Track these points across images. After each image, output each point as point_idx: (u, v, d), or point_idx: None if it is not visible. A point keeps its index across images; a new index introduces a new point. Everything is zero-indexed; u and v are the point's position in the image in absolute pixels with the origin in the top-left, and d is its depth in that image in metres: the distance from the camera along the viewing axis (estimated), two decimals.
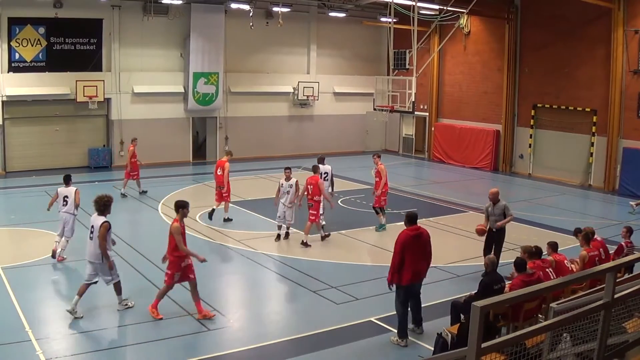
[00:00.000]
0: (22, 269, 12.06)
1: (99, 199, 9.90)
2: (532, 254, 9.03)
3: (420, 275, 9.05)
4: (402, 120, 31.38)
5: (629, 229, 11.16)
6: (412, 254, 8.79)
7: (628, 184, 21.37)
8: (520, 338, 4.29)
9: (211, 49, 26.11)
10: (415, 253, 8.84)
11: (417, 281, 9.04)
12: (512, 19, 25.44)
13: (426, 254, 9.11)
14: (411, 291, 9.00)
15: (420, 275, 9.07)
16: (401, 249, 8.79)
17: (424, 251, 9.06)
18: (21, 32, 22.82)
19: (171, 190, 20.19)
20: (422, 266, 9.04)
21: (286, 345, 9.07)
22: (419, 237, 8.98)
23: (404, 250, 8.76)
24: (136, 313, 10.02)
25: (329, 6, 28.00)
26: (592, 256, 9.50)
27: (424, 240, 9.07)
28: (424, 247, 9.05)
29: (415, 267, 8.84)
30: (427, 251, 9.14)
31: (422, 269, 9.05)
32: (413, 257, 8.79)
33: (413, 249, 8.82)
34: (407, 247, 8.78)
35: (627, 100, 21.62)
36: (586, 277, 7.16)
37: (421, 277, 9.12)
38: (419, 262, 8.92)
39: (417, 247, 8.90)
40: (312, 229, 14.25)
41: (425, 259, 9.12)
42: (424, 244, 9.06)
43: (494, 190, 12.24)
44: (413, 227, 9.00)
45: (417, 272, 8.92)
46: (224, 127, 27.70)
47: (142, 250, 13.41)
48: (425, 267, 9.13)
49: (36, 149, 23.61)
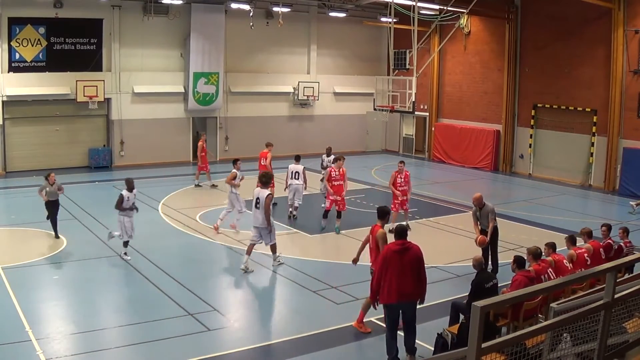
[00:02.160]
0: (22, 269, 12.06)
1: (264, 174, 12.52)
2: (537, 255, 9.03)
3: (407, 295, 8.06)
4: (402, 120, 31.38)
5: (625, 229, 11.17)
6: (395, 270, 7.95)
7: (628, 184, 21.37)
8: (520, 338, 4.29)
9: (211, 49, 26.11)
10: (399, 270, 7.96)
11: (405, 302, 8.11)
12: (512, 19, 25.44)
13: (414, 272, 8.08)
14: (396, 312, 8.22)
15: (408, 295, 8.08)
16: (380, 265, 8.10)
17: (412, 269, 8.06)
18: (21, 32, 22.83)
19: (171, 190, 20.20)
20: (409, 285, 8.03)
21: (286, 345, 9.07)
22: (404, 252, 8.06)
23: (383, 266, 8.04)
24: (136, 313, 10.03)
25: (329, 6, 27.99)
26: (580, 254, 9.57)
27: (411, 257, 8.08)
28: (410, 264, 8.05)
29: (400, 285, 7.95)
30: (416, 269, 8.11)
31: (408, 290, 8.05)
32: (396, 274, 7.95)
33: (395, 266, 7.97)
34: (388, 263, 8.00)
35: (627, 100, 21.62)
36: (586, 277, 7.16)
37: (410, 299, 8.16)
38: (405, 281, 7.98)
39: (402, 263, 8.00)
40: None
41: (414, 278, 8.09)
42: (411, 261, 8.06)
43: (477, 195, 12.18)
44: (398, 242, 8.16)
45: (402, 291, 7.99)
46: (224, 127, 27.70)
47: (142, 250, 13.39)
48: (413, 286, 8.09)
49: (36, 149, 23.61)
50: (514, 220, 17.17)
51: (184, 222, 16.05)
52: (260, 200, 11.89)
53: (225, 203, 15.96)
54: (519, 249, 13.14)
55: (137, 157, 25.38)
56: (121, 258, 12.67)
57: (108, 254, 13.18)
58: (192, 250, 14.03)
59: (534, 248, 9.12)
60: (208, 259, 13.36)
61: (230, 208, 15.18)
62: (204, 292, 10.26)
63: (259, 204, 11.92)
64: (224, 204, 18.30)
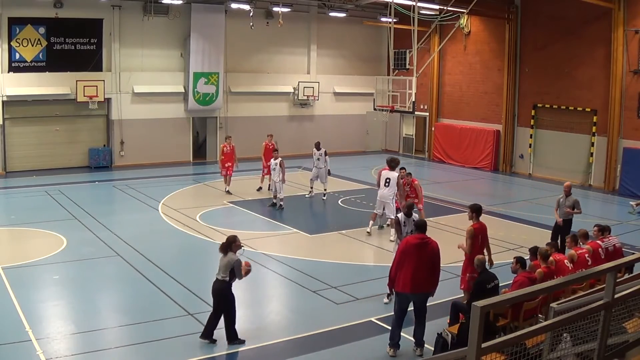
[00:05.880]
0: (22, 269, 12.05)
1: (392, 159, 14.79)
2: (546, 257, 9.01)
3: (421, 287, 8.49)
4: (402, 120, 31.38)
5: (599, 227, 10.78)
6: (412, 262, 8.42)
7: (628, 184, 21.36)
8: (520, 338, 4.29)
9: (211, 49, 26.11)
10: (416, 262, 8.43)
11: (418, 292, 8.52)
12: (512, 19, 25.44)
13: (429, 265, 8.55)
14: (407, 302, 8.65)
15: (422, 287, 8.51)
16: (399, 256, 8.58)
17: (428, 262, 8.53)
18: (21, 32, 22.81)
19: (171, 190, 20.19)
20: (424, 277, 8.49)
21: (286, 345, 9.07)
22: (423, 247, 8.55)
23: (402, 257, 8.52)
24: (136, 313, 10.03)
25: (329, 6, 27.98)
26: (580, 254, 9.56)
27: (429, 251, 8.58)
28: (427, 258, 8.54)
29: (415, 277, 8.39)
30: (432, 263, 8.59)
31: (423, 281, 8.49)
32: (413, 266, 8.40)
33: (413, 258, 8.44)
34: (407, 255, 8.49)
35: (627, 100, 21.61)
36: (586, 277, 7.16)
37: (423, 290, 8.56)
38: (420, 272, 8.43)
39: (419, 256, 8.47)
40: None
41: (429, 271, 8.56)
42: (429, 255, 8.56)
43: (568, 183, 13.44)
44: (418, 236, 8.72)
45: (417, 283, 8.43)
46: (224, 127, 27.69)
47: (143, 250, 13.39)
48: (427, 279, 8.53)
49: (36, 149, 23.60)
50: (514, 220, 17.18)
51: (184, 222, 16.05)
52: (391, 180, 14.39)
53: (222, 204, 15.96)
54: (519, 249, 13.14)
55: (137, 157, 25.37)
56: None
57: (108, 254, 13.18)
58: (192, 250, 14.02)
59: (543, 250, 9.08)
60: (208, 259, 13.31)
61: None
62: (204, 292, 10.24)
63: (388, 183, 14.34)
64: (224, 204, 18.40)
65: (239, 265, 8.78)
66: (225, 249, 8.90)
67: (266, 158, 19.69)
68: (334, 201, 19.22)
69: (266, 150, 19.93)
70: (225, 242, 9.01)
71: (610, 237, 10.52)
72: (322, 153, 19.09)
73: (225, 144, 19.92)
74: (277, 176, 17.53)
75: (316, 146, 19.43)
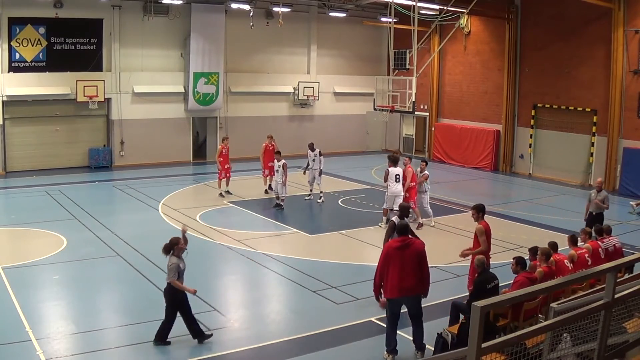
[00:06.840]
0: (22, 269, 12.05)
1: (392, 156, 15.76)
2: (549, 256, 9.01)
3: (410, 290, 8.22)
4: (402, 120, 31.37)
5: (585, 231, 10.89)
6: (397, 266, 8.15)
7: (628, 184, 21.36)
8: (520, 338, 4.28)
9: (211, 49, 26.11)
10: (400, 266, 8.15)
11: (409, 295, 8.29)
12: (512, 19, 25.43)
13: (415, 267, 8.23)
14: (398, 306, 8.42)
15: (411, 290, 8.23)
16: (382, 261, 8.33)
17: (413, 264, 8.22)
18: (21, 32, 22.81)
19: (171, 190, 20.19)
20: (412, 280, 8.20)
21: (286, 345, 9.07)
22: (405, 248, 8.24)
23: (385, 262, 8.27)
24: (136, 313, 10.02)
25: (329, 6, 27.99)
26: (580, 254, 9.55)
27: (412, 252, 8.25)
28: (412, 259, 8.21)
29: (402, 280, 8.14)
30: (417, 264, 8.26)
31: (410, 285, 8.20)
32: (398, 269, 8.14)
33: (396, 261, 8.17)
34: (390, 259, 8.23)
35: (627, 100, 21.61)
36: (586, 277, 7.16)
37: (413, 293, 8.30)
38: (407, 275, 8.16)
39: (403, 259, 8.17)
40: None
41: (416, 273, 8.25)
42: (413, 257, 8.23)
43: (600, 180, 14.78)
44: (399, 239, 8.41)
45: (405, 286, 8.17)
46: (224, 127, 27.69)
47: (143, 250, 13.38)
48: (415, 281, 8.24)
49: (36, 149, 23.60)
50: (514, 220, 17.18)
51: (184, 222, 16.02)
52: (400, 175, 15.28)
53: (222, 204, 15.95)
54: (518, 249, 13.14)
55: (137, 157, 25.37)
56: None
57: (108, 254, 13.18)
58: (192, 250, 13.95)
59: (546, 249, 9.07)
60: (208, 259, 13.35)
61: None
62: (204, 292, 10.24)
63: (398, 179, 15.23)
64: (224, 204, 18.40)
65: (174, 269, 8.60)
66: (167, 250, 8.73)
67: (265, 159, 19.64)
68: (334, 201, 19.22)
69: (266, 152, 19.87)
70: (168, 243, 8.78)
71: (610, 237, 10.54)
72: (316, 154, 19.00)
73: (223, 145, 19.65)
74: (280, 178, 17.58)
75: (310, 147, 19.29)
